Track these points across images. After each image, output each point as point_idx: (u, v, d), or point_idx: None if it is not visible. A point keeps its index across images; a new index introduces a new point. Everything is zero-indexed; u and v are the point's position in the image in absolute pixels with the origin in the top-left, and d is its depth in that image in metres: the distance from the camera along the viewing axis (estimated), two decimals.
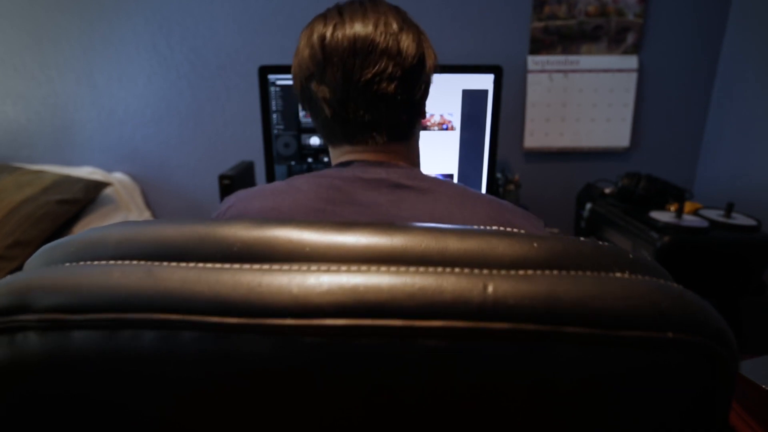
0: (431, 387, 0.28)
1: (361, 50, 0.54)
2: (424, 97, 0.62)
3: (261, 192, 0.58)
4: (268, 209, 0.54)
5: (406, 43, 0.56)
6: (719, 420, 0.29)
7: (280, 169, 1.19)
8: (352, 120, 0.58)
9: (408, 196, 0.54)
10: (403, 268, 0.27)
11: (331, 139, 0.62)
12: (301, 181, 0.57)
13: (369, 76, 0.55)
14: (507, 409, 0.28)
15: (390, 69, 0.55)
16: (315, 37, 0.56)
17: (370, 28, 0.55)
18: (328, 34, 0.55)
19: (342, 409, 0.29)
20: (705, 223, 1.10)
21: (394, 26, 0.56)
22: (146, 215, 1.50)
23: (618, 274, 0.29)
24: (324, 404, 0.29)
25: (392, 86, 0.56)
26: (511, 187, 1.39)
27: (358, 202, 0.54)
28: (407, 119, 0.60)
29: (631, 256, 0.31)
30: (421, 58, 0.58)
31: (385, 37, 0.55)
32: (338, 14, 0.57)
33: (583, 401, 0.28)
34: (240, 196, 0.60)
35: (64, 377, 0.30)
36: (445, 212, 0.53)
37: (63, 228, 1.22)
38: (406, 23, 0.58)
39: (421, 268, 0.27)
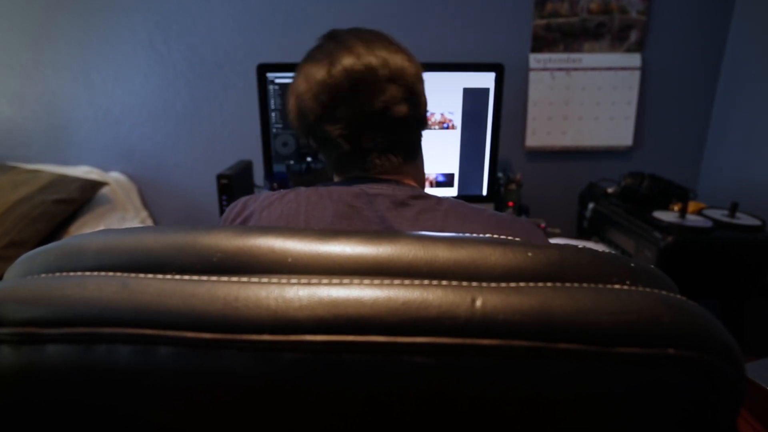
0: (419, 404, 0.26)
1: (364, 82, 0.55)
2: (425, 106, 0.63)
3: (279, 203, 0.58)
4: (292, 221, 0.55)
5: (403, 63, 0.57)
6: None
7: (278, 168, 1.18)
8: (370, 149, 0.59)
9: (409, 212, 0.55)
10: (387, 281, 0.26)
11: (343, 170, 0.62)
12: (309, 191, 0.58)
13: (380, 105, 0.56)
14: (499, 426, 0.27)
15: (396, 92, 0.56)
16: (313, 81, 0.56)
17: (364, 60, 0.55)
18: (325, 74, 0.55)
19: (326, 426, 0.27)
20: (709, 223, 1.08)
21: (384, 51, 0.57)
22: (143, 215, 1.49)
23: (617, 286, 0.28)
24: (307, 421, 0.27)
25: (404, 108, 0.57)
26: (513, 186, 1.37)
27: (365, 217, 0.54)
28: (418, 137, 0.63)
29: (632, 265, 0.29)
30: (418, 74, 0.59)
31: (382, 63, 0.56)
32: (326, 55, 0.57)
33: (578, 418, 0.27)
34: (253, 206, 0.59)
35: (40, 390, 0.29)
36: (443, 228, 0.53)
37: (59, 228, 1.21)
38: (393, 45, 0.59)
39: (407, 281, 0.26)
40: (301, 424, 0.27)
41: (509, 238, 0.30)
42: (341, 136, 0.58)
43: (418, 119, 0.61)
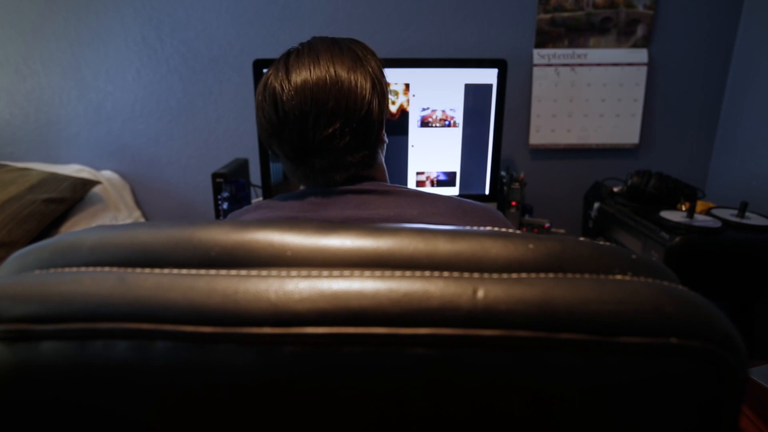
0: (422, 396, 0.26)
1: (312, 113, 0.55)
2: (381, 128, 0.63)
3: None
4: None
5: (358, 88, 0.56)
6: (728, 429, 0.27)
7: (275, 167, 1.17)
8: (314, 167, 0.60)
9: (372, 199, 0.58)
10: (388, 273, 0.26)
11: (298, 181, 0.65)
12: (266, 212, 0.61)
13: (323, 136, 0.56)
14: (503, 419, 0.27)
15: (342, 127, 0.56)
16: (269, 97, 0.57)
17: (317, 84, 0.55)
18: (278, 91, 0.56)
19: (328, 421, 0.27)
20: (718, 223, 1.07)
21: (343, 74, 0.56)
22: (136, 215, 1.47)
23: (618, 276, 0.27)
24: (308, 414, 0.27)
25: (346, 139, 0.57)
26: (516, 185, 1.36)
27: (331, 207, 0.58)
28: (368, 155, 0.62)
29: (633, 256, 0.29)
30: (370, 103, 0.58)
31: (334, 92, 0.55)
32: (285, 68, 0.57)
33: (582, 410, 0.26)
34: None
35: (35, 388, 0.28)
36: (407, 208, 0.56)
37: (50, 228, 1.18)
38: (356, 61, 0.58)
39: (408, 273, 0.25)
40: (302, 418, 0.27)
41: (510, 230, 0.30)
42: (286, 154, 0.60)
43: (365, 144, 0.60)
